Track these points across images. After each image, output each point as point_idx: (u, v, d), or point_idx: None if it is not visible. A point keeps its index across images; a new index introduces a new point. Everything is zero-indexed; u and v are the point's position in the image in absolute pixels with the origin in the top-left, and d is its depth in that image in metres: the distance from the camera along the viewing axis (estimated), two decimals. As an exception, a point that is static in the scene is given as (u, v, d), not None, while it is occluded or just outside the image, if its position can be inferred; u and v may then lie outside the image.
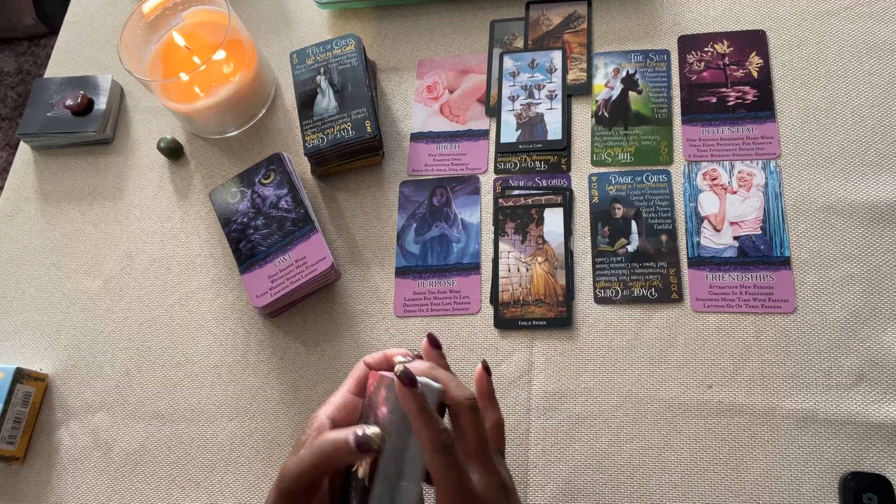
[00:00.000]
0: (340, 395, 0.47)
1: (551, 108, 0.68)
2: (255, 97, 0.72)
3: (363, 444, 0.41)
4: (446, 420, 0.43)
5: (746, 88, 0.65)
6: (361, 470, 0.43)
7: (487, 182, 0.67)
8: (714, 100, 0.66)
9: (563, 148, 0.66)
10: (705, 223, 0.61)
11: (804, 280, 0.58)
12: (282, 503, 0.42)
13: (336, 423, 0.45)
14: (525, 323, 0.61)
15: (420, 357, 0.49)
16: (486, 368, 0.49)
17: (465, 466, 0.41)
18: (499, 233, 0.64)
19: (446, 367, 0.47)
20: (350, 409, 0.46)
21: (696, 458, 0.55)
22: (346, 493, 0.45)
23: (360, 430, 0.41)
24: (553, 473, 0.56)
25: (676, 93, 0.67)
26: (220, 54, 0.67)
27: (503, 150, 0.67)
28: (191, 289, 0.67)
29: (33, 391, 0.64)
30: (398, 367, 0.42)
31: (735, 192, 0.62)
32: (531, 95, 0.69)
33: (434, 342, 0.48)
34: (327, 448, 0.41)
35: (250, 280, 0.62)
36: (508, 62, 0.71)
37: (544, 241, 0.63)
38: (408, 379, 0.41)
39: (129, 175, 0.74)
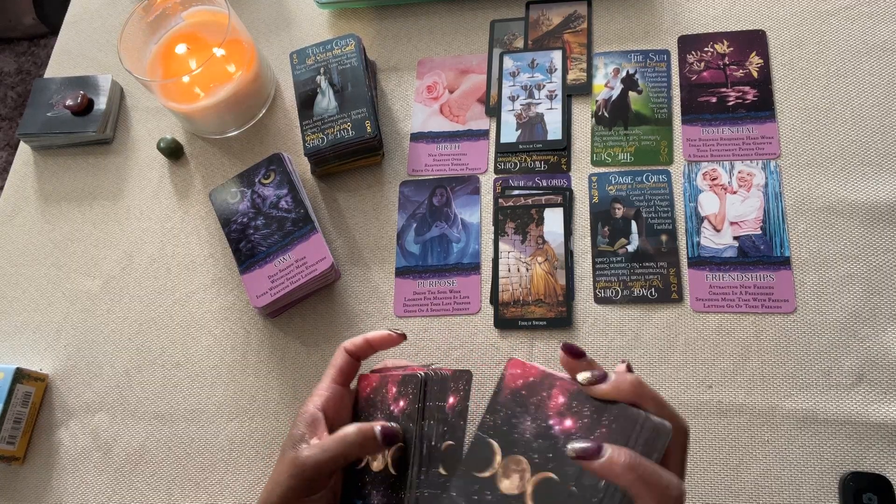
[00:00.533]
0: (326, 387, 0.47)
1: (551, 108, 0.68)
2: (255, 97, 0.72)
3: (389, 436, 0.43)
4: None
5: (746, 88, 0.65)
6: (377, 463, 0.43)
7: (487, 182, 0.67)
8: (714, 100, 0.66)
9: (563, 148, 0.66)
10: (705, 223, 0.61)
11: (804, 280, 0.58)
12: (297, 489, 0.42)
13: (327, 415, 0.46)
14: (525, 323, 0.61)
15: (402, 335, 0.49)
16: (630, 368, 0.40)
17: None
18: (499, 233, 0.64)
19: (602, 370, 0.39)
20: (338, 400, 0.47)
21: (696, 458, 0.55)
22: (350, 489, 0.45)
23: (386, 424, 0.43)
24: (553, 473, 0.56)
25: (676, 93, 0.67)
26: (220, 54, 0.67)
27: (503, 150, 0.67)
28: (191, 289, 0.67)
29: (33, 391, 0.64)
30: (577, 446, 0.35)
31: (735, 192, 0.62)
32: (531, 95, 0.69)
33: (574, 351, 0.39)
34: (355, 439, 0.43)
35: (250, 280, 0.62)
36: (508, 62, 0.71)
37: (544, 241, 0.63)
38: (593, 453, 0.34)
39: (129, 175, 0.74)
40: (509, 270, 0.63)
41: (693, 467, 0.54)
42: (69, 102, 0.74)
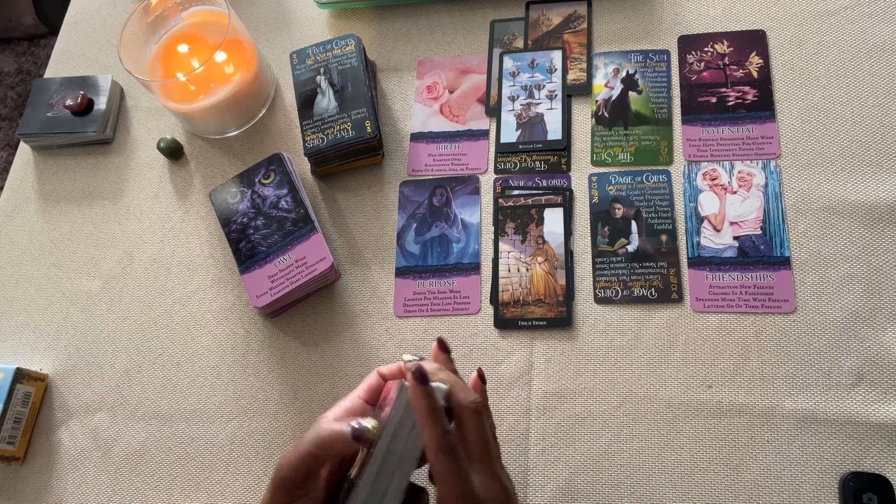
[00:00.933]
0: (350, 400, 0.47)
1: (551, 108, 0.68)
2: (255, 97, 0.72)
3: (359, 434, 0.41)
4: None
5: (746, 88, 0.65)
6: (355, 469, 0.43)
7: (487, 182, 0.67)
8: (714, 100, 0.66)
9: (563, 148, 0.66)
10: (705, 223, 0.61)
11: (804, 280, 0.58)
12: (274, 493, 0.42)
13: None
14: (525, 323, 0.61)
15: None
16: (482, 377, 0.49)
17: (467, 469, 0.41)
18: (499, 233, 0.64)
19: (454, 372, 0.48)
20: (358, 414, 0.46)
21: (696, 458, 0.55)
22: (336, 494, 0.45)
23: (357, 420, 0.42)
24: (553, 473, 0.56)
25: (676, 93, 0.67)
26: (221, 55, 0.67)
27: (503, 150, 0.67)
28: (191, 289, 0.67)
29: (33, 391, 0.64)
30: (411, 364, 0.42)
31: (735, 192, 0.62)
32: (531, 95, 0.69)
33: (443, 346, 0.48)
34: (324, 435, 0.42)
35: (250, 280, 0.62)
36: (508, 62, 0.71)
37: (544, 241, 0.63)
38: (420, 376, 0.42)
39: (129, 175, 0.74)
40: (509, 270, 0.63)
41: (693, 467, 0.54)
42: (69, 102, 0.74)
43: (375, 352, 0.62)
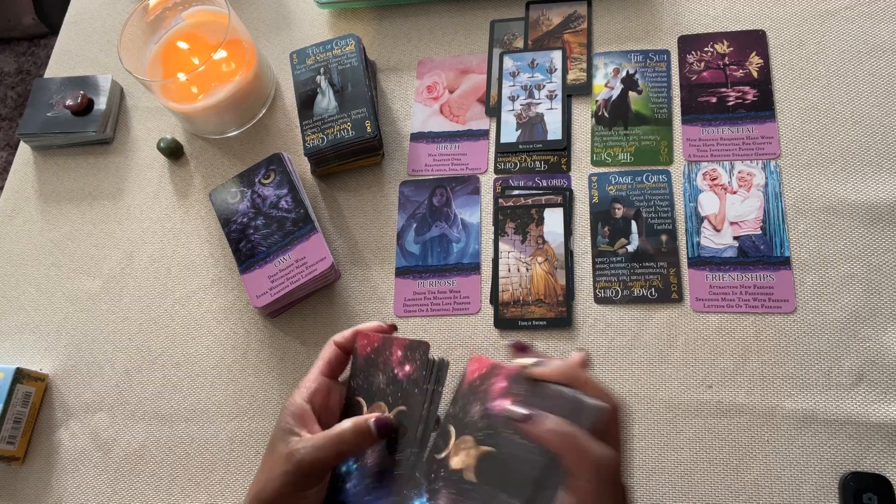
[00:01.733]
0: (313, 379, 0.47)
1: (551, 108, 0.68)
2: (255, 97, 0.72)
3: (384, 428, 0.43)
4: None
5: (746, 88, 0.65)
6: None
7: (487, 182, 0.67)
8: (714, 100, 0.66)
9: (563, 148, 0.66)
10: (705, 223, 0.61)
11: (804, 280, 0.58)
12: (293, 484, 0.42)
13: (314, 407, 0.46)
14: (525, 323, 0.61)
15: (393, 326, 0.50)
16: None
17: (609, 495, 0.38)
18: (499, 233, 0.64)
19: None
20: (324, 392, 0.47)
21: (696, 458, 0.55)
22: (337, 475, 0.45)
23: (376, 415, 0.43)
24: (553, 473, 0.56)
25: (676, 93, 0.67)
26: (221, 54, 0.67)
27: (503, 150, 0.67)
28: (191, 289, 0.67)
29: (33, 391, 0.64)
30: (513, 410, 0.38)
31: (735, 192, 0.62)
32: (531, 95, 0.69)
33: (521, 347, 0.43)
34: (350, 437, 0.43)
35: (250, 280, 0.62)
36: (508, 62, 0.71)
37: (544, 241, 0.63)
38: (525, 417, 0.38)
39: (129, 175, 0.74)
40: (509, 270, 0.63)
41: (693, 467, 0.54)
42: (69, 102, 0.74)
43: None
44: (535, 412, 0.38)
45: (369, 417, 0.43)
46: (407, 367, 0.45)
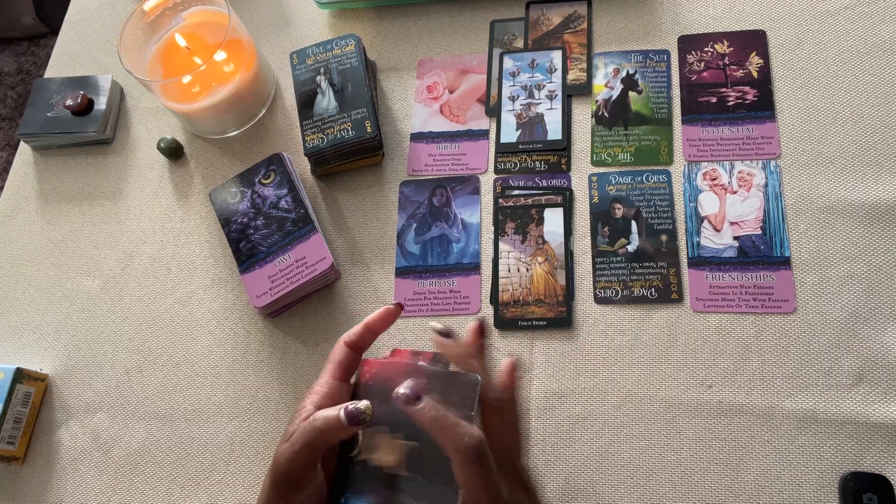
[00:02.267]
0: (324, 384, 0.46)
1: (551, 108, 0.68)
2: (255, 97, 0.72)
3: (353, 417, 0.41)
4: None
5: (746, 88, 0.65)
6: (387, 458, 0.44)
7: (487, 182, 0.67)
8: (714, 100, 0.66)
9: (563, 148, 0.66)
10: (705, 223, 0.61)
11: (804, 280, 0.58)
12: (277, 489, 0.42)
13: None
14: (525, 323, 0.61)
15: (399, 305, 0.49)
16: (482, 330, 0.46)
17: (496, 476, 0.39)
18: (499, 233, 0.64)
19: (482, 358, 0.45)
20: (336, 397, 0.46)
21: (696, 458, 0.55)
22: (340, 480, 0.45)
23: (351, 404, 0.41)
24: (553, 473, 0.56)
25: (676, 93, 0.67)
26: (221, 54, 0.67)
27: (503, 150, 0.67)
28: (191, 289, 0.67)
29: (33, 391, 0.64)
30: (400, 391, 0.40)
31: (735, 192, 0.62)
32: (531, 95, 0.69)
33: (482, 331, 0.45)
34: (319, 424, 0.41)
35: (250, 280, 0.62)
36: (508, 62, 0.71)
37: (544, 241, 0.63)
38: (411, 399, 0.40)
39: (129, 175, 0.74)
40: (509, 270, 0.63)
41: (693, 467, 0.54)
42: (69, 102, 0.74)
43: (375, 352, 0.62)
44: (423, 395, 0.40)
45: (341, 407, 0.42)
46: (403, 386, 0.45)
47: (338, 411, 0.41)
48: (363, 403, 0.42)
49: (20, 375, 0.63)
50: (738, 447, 0.54)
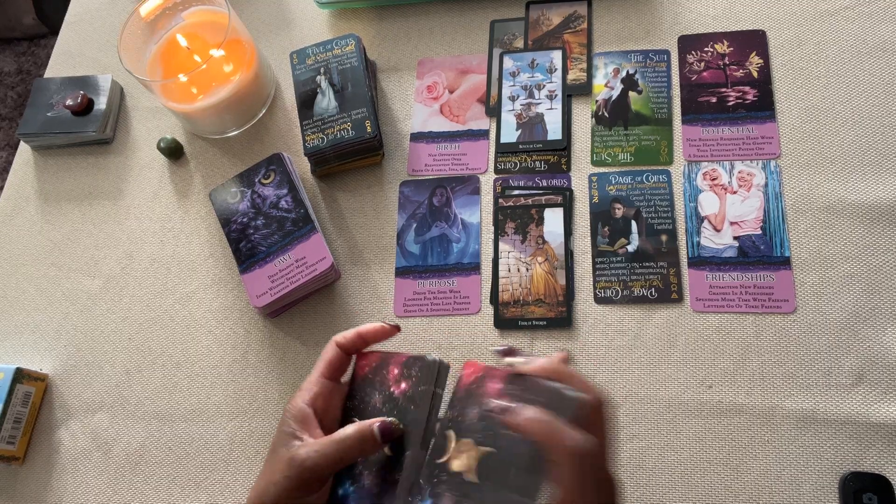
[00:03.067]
0: (315, 382, 0.47)
1: (551, 108, 0.68)
2: (255, 97, 0.72)
3: (388, 434, 0.42)
4: None
5: (746, 88, 0.65)
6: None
7: (487, 182, 0.67)
8: (714, 100, 0.66)
9: (563, 148, 0.66)
10: (705, 223, 0.61)
11: (804, 280, 0.58)
12: (295, 490, 0.42)
13: (316, 411, 0.45)
14: (525, 323, 0.61)
15: (396, 327, 0.49)
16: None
17: (601, 481, 0.39)
18: (499, 233, 0.64)
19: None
20: (326, 395, 0.46)
21: (696, 458, 0.55)
22: (343, 475, 0.45)
23: (381, 420, 0.43)
24: (553, 473, 0.56)
25: (676, 93, 0.67)
26: (220, 54, 0.67)
27: (503, 150, 0.67)
28: (191, 289, 0.67)
29: (33, 391, 0.64)
30: (496, 401, 0.39)
31: (735, 192, 0.62)
32: (531, 95, 0.69)
33: (508, 352, 0.44)
34: (353, 443, 0.42)
35: (250, 280, 0.62)
36: (508, 62, 0.71)
37: (544, 241, 0.63)
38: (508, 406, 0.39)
39: (129, 175, 0.74)
40: (509, 270, 0.63)
41: (693, 467, 0.54)
42: (69, 102, 0.74)
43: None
44: (515, 404, 0.39)
45: (374, 422, 0.43)
46: (403, 385, 0.45)
47: (370, 426, 0.43)
48: (390, 419, 0.43)
49: (20, 375, 0.63)
50: (738, 447, 0.54)
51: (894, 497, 0.51)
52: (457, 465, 0.41)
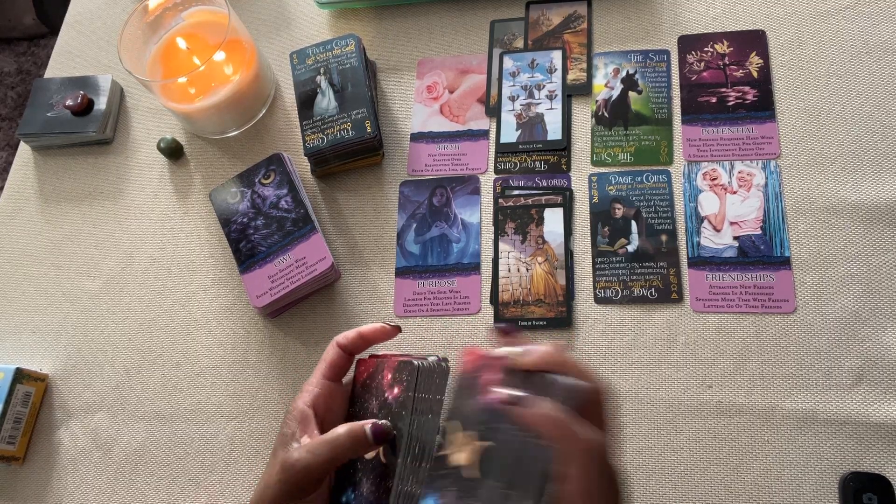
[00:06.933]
0: (316, 383, 0.47)
1: (551, 108, 0.68)
2: (255, 97, 0.72)
3: (380, 435, 0.42)
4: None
5: (746, 88, 0.65)
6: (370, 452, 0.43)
7: (487, 182, 0.67)
8: (714, 100, 0.66)
9: (563, 148, 0.66)
10: (705, 223, 0.61)
11: (804, 280, 0.58)
12: (289, 493, 0.42)
13: (317, 412, 0.45)
14: (525, 323, 0.61)
15: (397, 328, 0.48)
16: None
17: (613, 476, 0.39)
18: (499, 233, 0.64)
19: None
20: (327, 396, 0.46)
21: (696, 458, 0.55)
22: (342, 476, 0.45)
23: (375, 422, 0.42)
24: (553, 473, 0.56)
25: (676, 93, 0.67)
26: (220, 55, 0.67)
27: (503, 150, 0.67)
28: (191, 289, 0.67)
29: (33, 391, 0.64)
30: (498, 390, 0.38)
31: (735, 192, 0.62)
32: (531, 95, 0.69)
33: (506, 331, 0.43)
34: (344, 442, 0.42)
35: (250, 280, 0.62)
36: (508, 62, 0.71)
37: (544, 241, 0.63)
38: (514, 398, 0.38)
39: (129, 175, 0.74)
40: (509, 270, 0.63)
41: (693, 467, 0.54)
42: (69, 102, 0.74)
43: (375, 352, 0.62)
44: (527, 395, 0.38)
45: (366, 423, 0.43)
46: (396, 390, 0.45)
47: (362, 427, 0.42)
48: (383, 421, 0.42)
49: (20, 375, 0.63)
50: (738, 447, 0.54)
51: (894, 497, 0.51)
52: (457, 458, 0.40)
